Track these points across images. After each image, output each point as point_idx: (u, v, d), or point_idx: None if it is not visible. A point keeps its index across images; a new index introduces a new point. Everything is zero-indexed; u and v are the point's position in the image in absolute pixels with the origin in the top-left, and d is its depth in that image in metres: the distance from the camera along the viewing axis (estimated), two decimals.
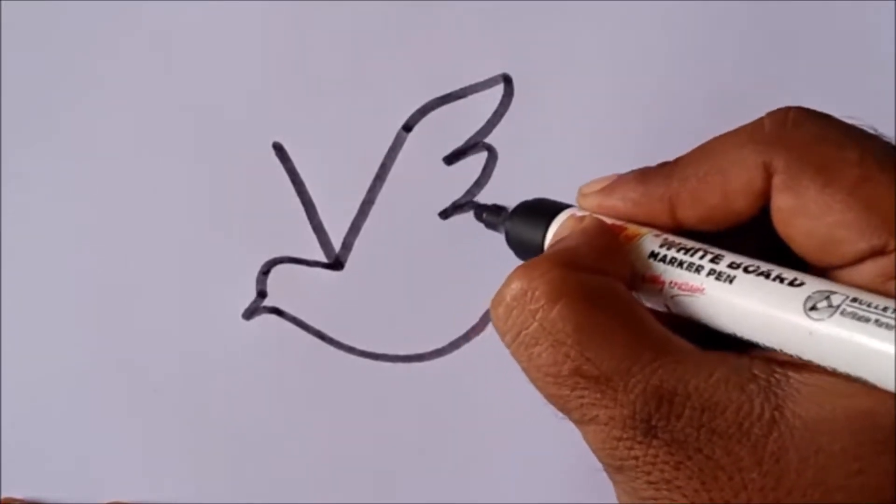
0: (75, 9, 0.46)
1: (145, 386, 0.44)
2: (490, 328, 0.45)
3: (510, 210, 0.33)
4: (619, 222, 0.29)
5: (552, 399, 0.26)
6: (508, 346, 0.27)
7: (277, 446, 0.44)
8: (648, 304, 0.27)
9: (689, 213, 0.28)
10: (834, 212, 0.25)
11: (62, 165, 0.46)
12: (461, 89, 0.45)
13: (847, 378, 0.24)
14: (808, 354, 0.24)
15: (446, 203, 0.45)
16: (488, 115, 0.45)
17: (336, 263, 0.45)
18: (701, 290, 0.26)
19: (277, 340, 0.45)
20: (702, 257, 0.27)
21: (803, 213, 0.25)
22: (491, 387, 0.44)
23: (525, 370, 0.26)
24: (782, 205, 0.26)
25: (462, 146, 0.45)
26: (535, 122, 0.45)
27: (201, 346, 0.45)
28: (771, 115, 0.27)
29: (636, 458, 0.25)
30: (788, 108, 0.27)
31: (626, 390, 0.25)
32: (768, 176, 0.26)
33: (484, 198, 0.45)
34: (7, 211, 0.45)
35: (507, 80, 0.45)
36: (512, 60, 0.45)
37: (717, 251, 0.27)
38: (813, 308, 0.24)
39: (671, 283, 0.27)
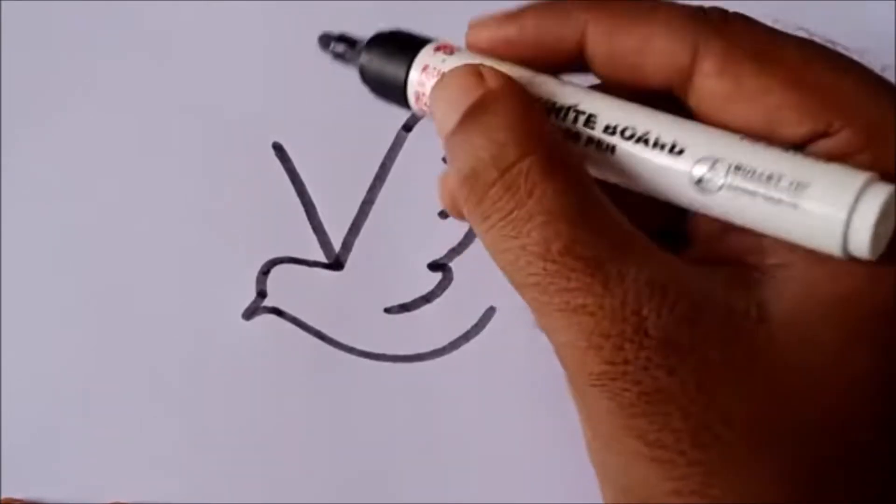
0: (75, 9, 0.46)
1: (145, 386, 0.44)
2: (491, 328, 0.44)
3: (364, 42, 0.31)
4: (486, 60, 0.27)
5: (534, 283, 0.24)
6: (492, 227, 0.25)
7: (277, 446, 0.44)
8: None
9: (599, 50, 0.26)
10: (774, 93, 0.24)
11: (62, 165, 0.46)
12: None
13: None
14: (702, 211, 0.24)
15: None
16: None
17: (336, 263, 0.45)
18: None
19: (277, 340, 0.45)
20: (574, 121, 0.25)
21: (741, 96, 0.24)
22: (491, 387, 0.44)
23: (503, 251, 0.25)
24: (718, 89, 0.25)
25: None
26: None
27: (201, 346, 0.45)
28: (711, 7, 0.26)
29: (626, 361, 0.23)
30: (728, 10, 0.26)
31: (620, 277, 0.23)
32: (694, 58, 0.25)
33: None
34: (7, 211, 0.45)
35: None
36: None
37: (590, 110, 0.25)
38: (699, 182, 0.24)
39: None
